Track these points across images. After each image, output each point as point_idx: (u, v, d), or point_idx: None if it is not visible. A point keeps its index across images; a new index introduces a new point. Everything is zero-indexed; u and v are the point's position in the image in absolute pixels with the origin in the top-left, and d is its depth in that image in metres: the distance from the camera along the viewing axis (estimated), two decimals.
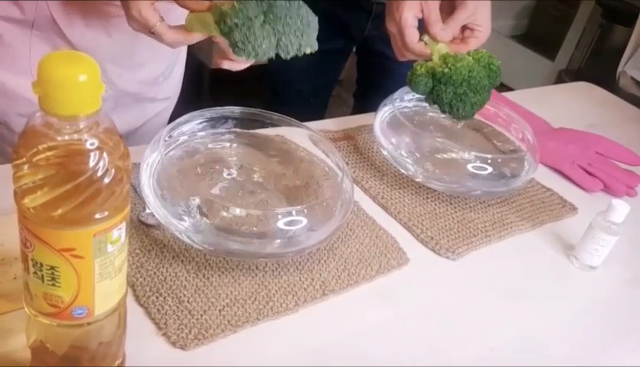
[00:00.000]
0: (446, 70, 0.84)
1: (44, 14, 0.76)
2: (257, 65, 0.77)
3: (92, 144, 0.39)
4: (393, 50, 0.91)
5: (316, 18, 0.66)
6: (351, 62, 1.44)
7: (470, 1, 0.88)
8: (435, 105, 0.88)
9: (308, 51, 0.65)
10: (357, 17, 1.21)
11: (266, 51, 0.63)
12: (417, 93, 0.88)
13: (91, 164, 0.39)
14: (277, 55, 0.64)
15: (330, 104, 1.50)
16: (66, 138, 0.39)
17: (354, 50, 1.36)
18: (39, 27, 0.77)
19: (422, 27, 0.90)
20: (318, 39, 0.79)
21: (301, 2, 0.64)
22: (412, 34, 0.89)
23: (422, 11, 0.89)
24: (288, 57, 0.64)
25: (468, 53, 0.85)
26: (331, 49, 1.26)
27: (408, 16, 0.88)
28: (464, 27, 0.89)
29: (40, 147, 0.39)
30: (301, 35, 0.63)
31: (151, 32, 0.67)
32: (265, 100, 1.41)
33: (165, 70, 0.95)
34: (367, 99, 1.38)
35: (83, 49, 0.81)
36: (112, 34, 0.82)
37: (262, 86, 1.44)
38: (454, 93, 0.84)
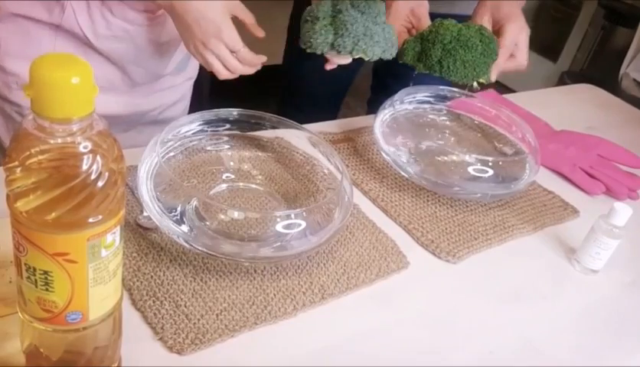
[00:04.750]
0: (433, 29, 0.85)
1: (70, 21, 0.78)
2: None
3: (85, 147, 0.39)
4: None
5: (392, 36, 0.81)
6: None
7: (512, 25, 0.96)
8: (426, 71, 0.88)
9: (358, 56, 0.78)
10: None
11: (320, 45, 0.77)
12: (407, 61, 0.89)
13: (84, 167, 0.39)
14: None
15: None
16: (59, 140, 0.38)
17: None
18: (64, 31, 0.79)
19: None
20: None
21: (383, 21, 0.80)
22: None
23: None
24: (344, 53, 0.78)
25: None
26: None
27: None
28: None
29: (33, 151, 0.38)
30: (357, 41, 0.77)
31: (232, 51, 0.74)
32: (264, 103, 1.40)
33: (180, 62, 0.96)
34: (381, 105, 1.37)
35: (106, 54, 0.83)
36: (137, 41, 0.83)
37: (271, 89, 1.43)
38: (442, 49, 0.85)
